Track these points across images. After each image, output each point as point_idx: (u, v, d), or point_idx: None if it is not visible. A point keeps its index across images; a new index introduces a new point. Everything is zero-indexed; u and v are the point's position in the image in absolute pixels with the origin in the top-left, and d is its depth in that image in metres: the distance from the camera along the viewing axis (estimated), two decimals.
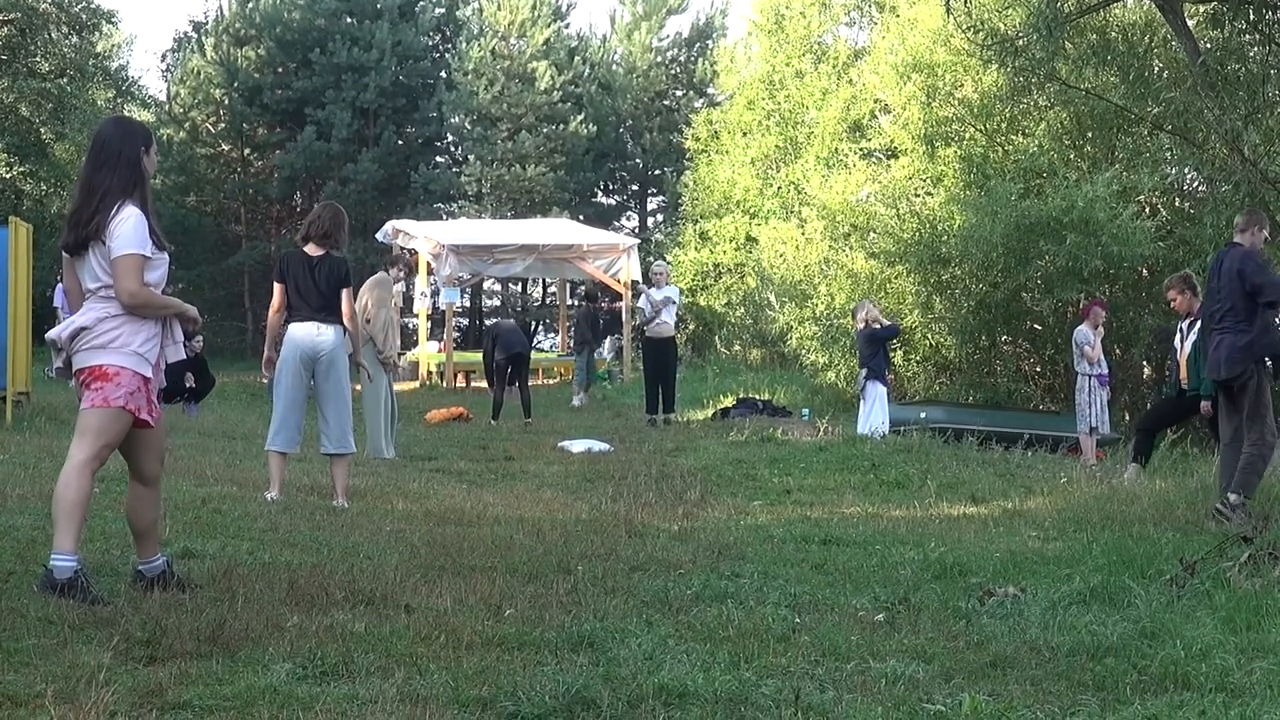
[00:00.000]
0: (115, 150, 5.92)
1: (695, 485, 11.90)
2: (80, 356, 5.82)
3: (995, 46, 20.75)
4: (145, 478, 6.10)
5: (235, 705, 4.34)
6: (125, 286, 5.75)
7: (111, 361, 5.77)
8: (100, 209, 5.80)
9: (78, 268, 5.91)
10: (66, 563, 5.69)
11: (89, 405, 5.77)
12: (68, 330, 5.83)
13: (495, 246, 28.65)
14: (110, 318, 5.80)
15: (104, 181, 5.85)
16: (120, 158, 5.91)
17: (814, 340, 24.88)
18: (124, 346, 5.79)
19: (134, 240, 5.77)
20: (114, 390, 5.75)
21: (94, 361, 5.78)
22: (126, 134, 6.05)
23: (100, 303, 5.83)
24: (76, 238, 5.83)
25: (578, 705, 4.46)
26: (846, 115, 31.47)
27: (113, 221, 5.77)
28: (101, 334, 5.78)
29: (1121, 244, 20.50)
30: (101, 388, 5.75)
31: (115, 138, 5.99)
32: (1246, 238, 10.01)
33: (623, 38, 47.19)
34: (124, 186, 5.88)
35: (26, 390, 15.85)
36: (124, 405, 5.77)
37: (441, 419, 19.28)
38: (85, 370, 5.80)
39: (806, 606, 6.38)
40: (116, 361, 5.77)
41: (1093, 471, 13.44)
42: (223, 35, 44.26)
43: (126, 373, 5.78)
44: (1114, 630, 5.72)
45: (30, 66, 37.77)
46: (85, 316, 5.83)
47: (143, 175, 5.99)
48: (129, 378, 5.79)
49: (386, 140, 43.26)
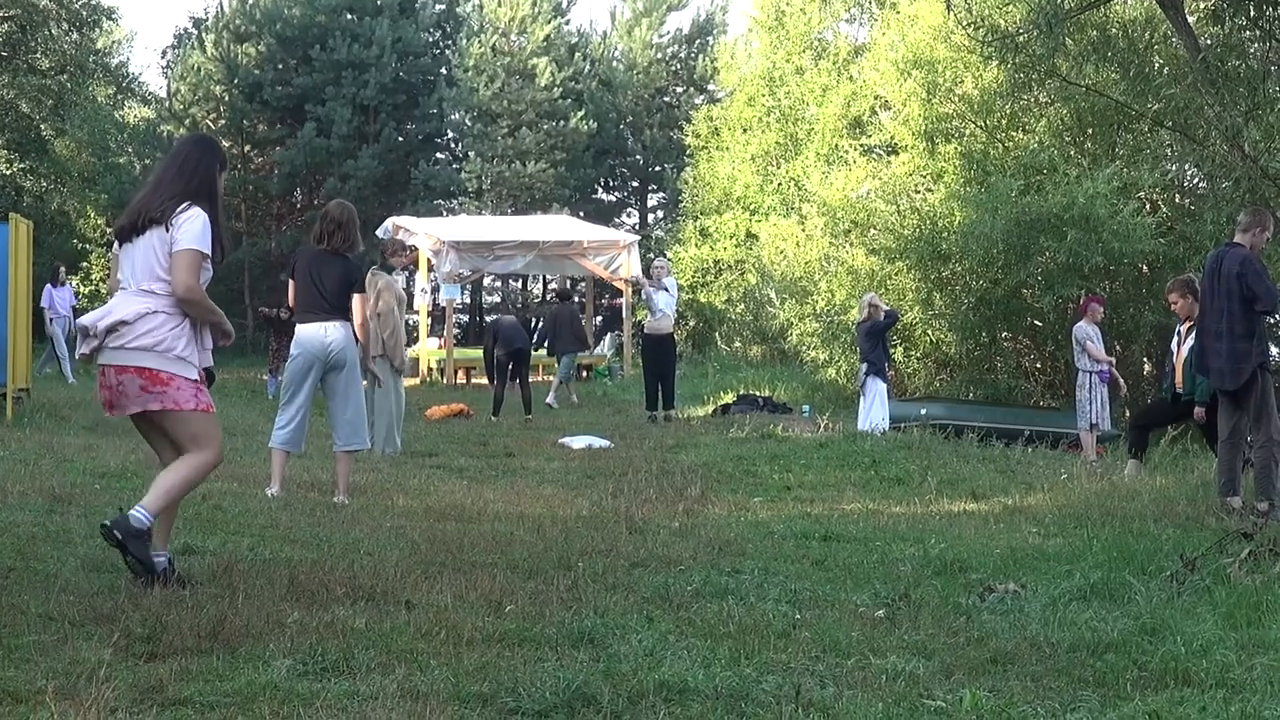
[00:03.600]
0: (194, 163, 6.15)
1: (696, 482, 11.90)
2: (121, 354, 5.91)
3: (995, 43, 20.73)
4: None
5: (236, 701, 4.34)
6: (184, 280, 5.89)
7: (165, 368, 5.92)
8: (166, 203, 5.97)
9: (127, 257, 6.04)
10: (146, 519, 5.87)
11: (159, 407, 5.93)
12: (105, 322, 5.88)
13: (495, 243, 28.65)
14: (150, 314, 5.91)
15: (176, 182, 6.05)
16: (196, 170, 6.12)
17: (814, 337, 24.89)
18: (170, 351, 5.92)
19: (200, 238, 5.94)
20: (179, 395, 5.94)
21: (145, 364, 5.90)
22: (205, 151, 6.28)
23: (142, 297, 5.95)
24: (134, 224, 5.98)
25: (578, 701, 4.46)
26: (847, 112, 31.46)
27: (180, 215, 5.94)
28: (144, 333, 5.89)
29: (1122, 240, 20.49)
30: (164, 391, 5.92)
31: (195, 152, 6.24)
32: (1248, 238, 9.90)
33: (623, 34, 47.19)
34: (195, 192, 6.06)
35: (27, 386, 15.86)
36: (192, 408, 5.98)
37: (442, 415, 19.28)
38: (132, 369, 5.90)
39: (807, 602, 6.38)
40: (169, 369, 5.93)
41: (1093, 468, 13.45)
42: (223, 31, 44.26)
43: (179, 378, 5.95)
44: (1114, 626, 5.73)
45: (30, 63, 37.79)
46: (125, 309, 5.92)
47: (215, 191, 6.18)
48: (184, 383, 5.97)
49: (387, 137, 43.26)
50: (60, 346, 23.85)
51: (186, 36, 48.83)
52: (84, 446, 12.10)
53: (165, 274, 5.93)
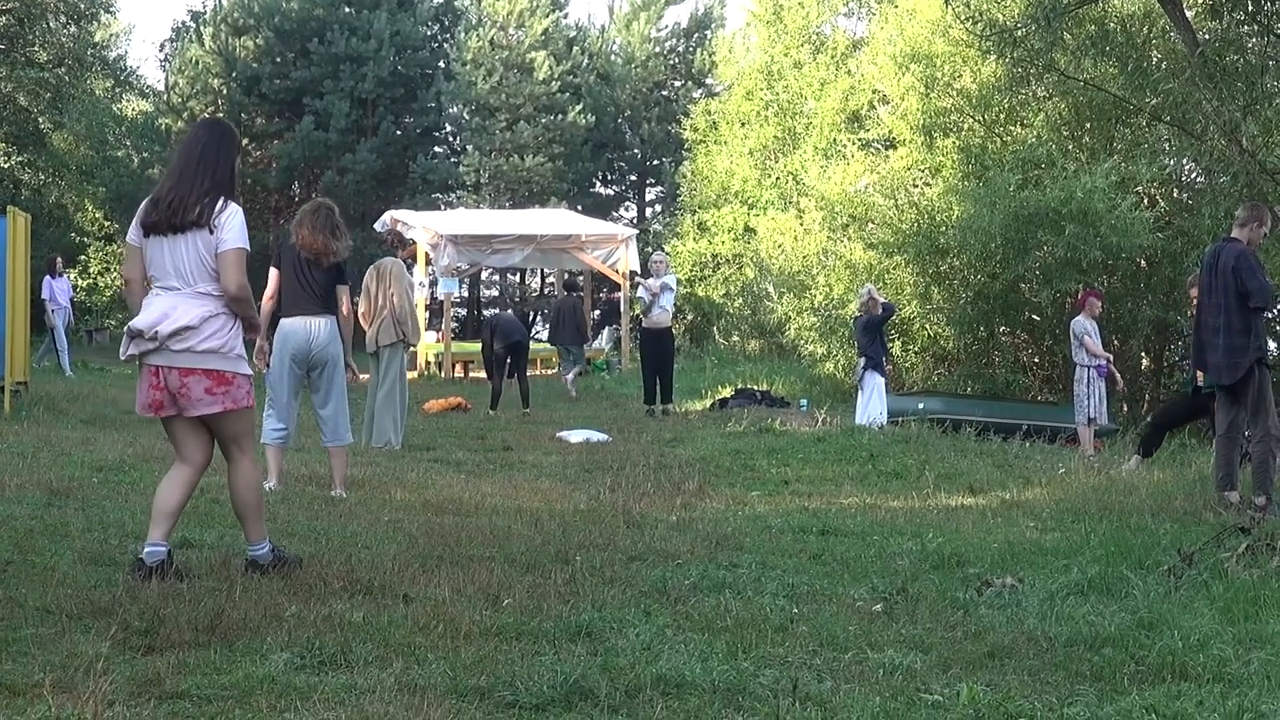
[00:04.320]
0: (214, 149, 6.21)
1: (693, 476, 11.91)
2: (189, 357, 6.03)
3: (994, 37, 20.72)
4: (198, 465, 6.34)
5: (233, 695, 4.35)
6: (236, 278, 6.04)
7: (229, 368, 6.12)
8: (202, 200, 6.05)
9: (158, 251, 6.08)
10: (264, 549, 6.32)
11: (222, 409, 6.11)
12: (168, 326, 5.98)
13: (493, 237, 28.61)
14: (213, 317, 6.06)
15: (202, 174, 6.12)
16: (219, 158, 6.19)
17: (812, 331, 24.87)
18: (231, 350, 6.12)
19: (242, 236, 6.09)
20: (238, 393, 6.15)
21: (213, 366, 6.07)
22: (224, 136, 6.34)
23: (199, 300, 6.06)
24: (171, 220, 6.03)
25: (576, 695, 4.47)
26: (845, 106, 31.40)
27: (221, 215, 6.04)
28: (209, 335, 6.05)
29: (1120, 235, 20.47)
30: (227, 391, 6.11)
31: (213, 138, 6.29)
32: (1245, 233, 9.91)
33: (621, 28, 47.10)
34: (222, 183, 6.16)
35: (25, 380, 15.86)
36: (249, 404, 6.24)
37: (440, 409, 19.28)
38: (200, 371, 6.06)
39: (804, 597, 6.39)
40: (232, 368, 6.13)
41: (1091, 462, 13.46)
42: (221, 25, 44.16)
43: (240, 377, 6.17)
44: (1112, 621, 5.73)
45: (28, 56, 37.78)
46: (187, 314, 6.02)
47: (236, 178, 6.31)
48: (243, 380, 6.19)
49: (385, 130, 43.19)
50: (60, 339, 23.82)
51: (184, 30, 48.73)
52: (82, 440, 12.10)
53: (216, 276, 6.07)
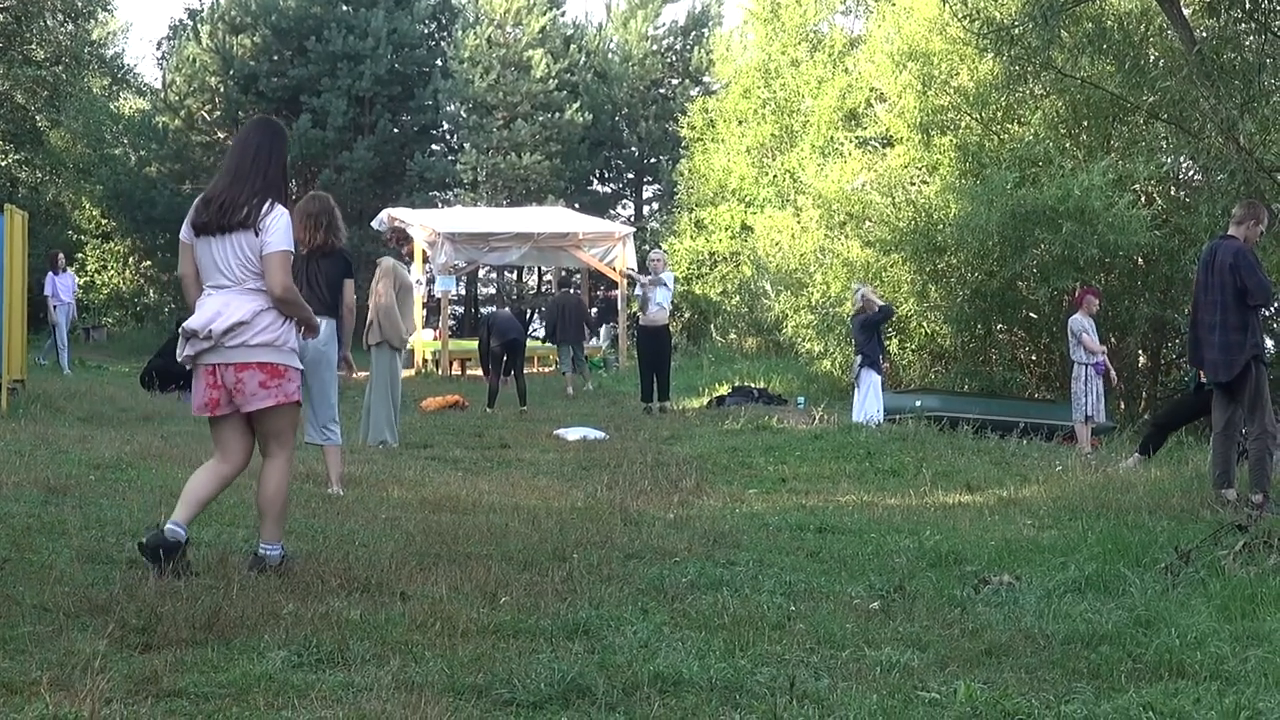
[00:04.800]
0: (266, 149, 6.28)
1: (690, 473, 11.90)
2: (243, 351, 6.10)
3: (991, 35, 20.73)
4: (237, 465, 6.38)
5: (230, 693, 4.34)
6: (280, 280, 6.10)
7: (282, 361, 6.18)
8: (251, 201, 6.11)
9: (207, 250, 6.15)
10: (275, 550, 6.28)
11: (274, 402, 6.16)
12: (222, 324, 6.04)
13: (491, 235, 28.60)
14: (264, 311, 6.13)
15: (254, 175, 6.18)
16: (270, 158, 6.26)
17: (809, 329, 24.87)
18: (285, 344, 6.19)
19: (287, 238, 6.15)
20: (290, 386, 6.22)
21: (266, 359, 6.13)
22: (274, 135, 6.41)
23: (249, 295, 6.13)
24: (220, 221, 6.10)
25: (573, 693, 4.47)
26: (842, 104, 31.43)
27: (267, 217, 6.10)
28: (262, 330, 6.11)
29: (1117, 233, 20.48)
30: (280, 385, 6.17)
31: (265, 138, 6.35)
32: (1242, 230, 9.92)
33: (618, 26, 47.11)
34: (272, 183, 6.22)
35: (22, 378, 15.85)
36: (298, 399, 6.31)
37: (437, 406, 19.28)
38: (254, 365, 6.12)
39: (801, 594, 6.39)
40: (285, 361, 6.20)
41: (1088, 460, 13.46)
42: (218, 23, 44.13)
43: (292, 369, 6.25)
44: (1109, 618, 5.74)
45: (25, 54, 37.71)
46: (239, 310, 6.08)
47: (287, 177, 6.41)
48: (294, 374, 6.26)
49: (382, 128, 43.18)
50: (61, 335, 23.78)
51: (181, 28, 48.70)
52: (79, 438, 12.09)
53: (261, 274, 6.12)
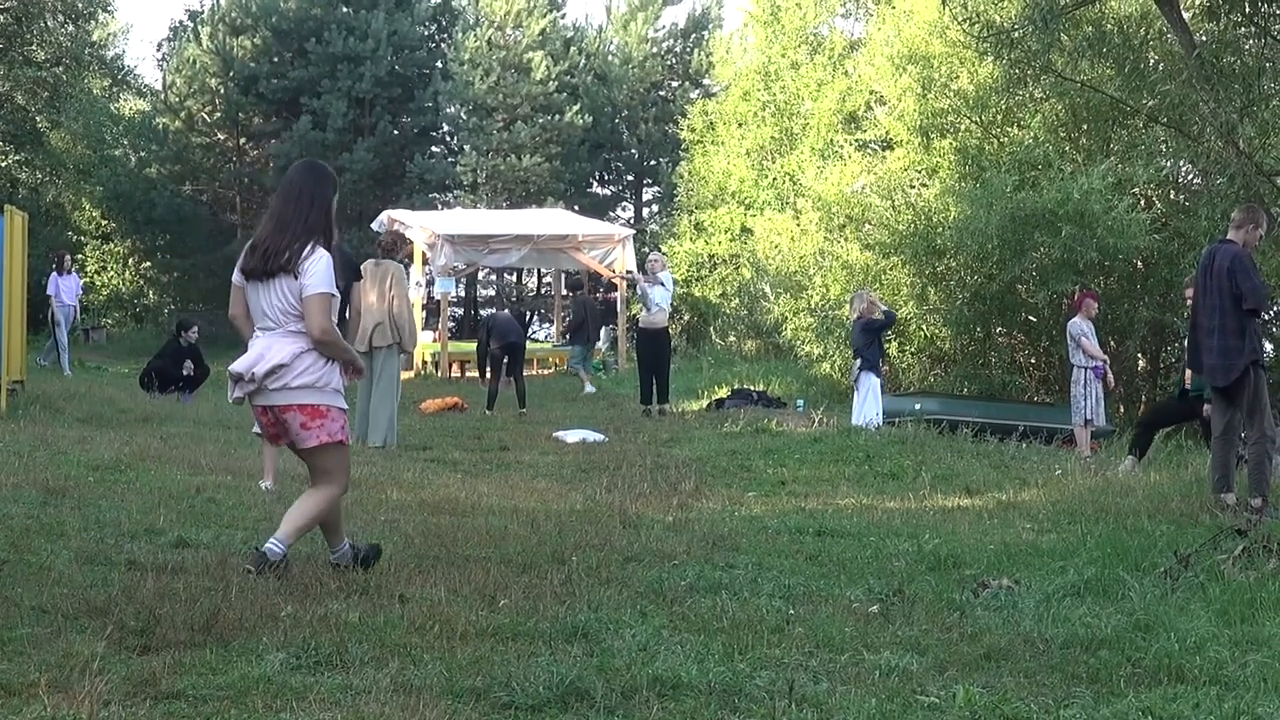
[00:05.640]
0: (309, 194, 6.44)
1: (690, 476, 11.90)
2: (285, 394, 6.28)
3: (991, 38, 20.73)
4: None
5: (229, 695, 4.34)
6: (319, 323, 6.24)
7: (324, 402, 6.32)
8: (293, 245, 6.28)
9: (255, 294, 6.38)
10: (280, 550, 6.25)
11: (317, 443, 6.32)
12: (264, 367, 6.21)
13: (490, 236, 28.57)
14: (305, 353, 6.28)
15: (297, 220, 6.35)
16: (314, 201, 6.42)
17: (809, 331, 24.85)
18: (327, 385, 6.33)
19: (326, 280, 6.27)
20: (333, 426, 6.35)
21: (307, 400, 6.29)
22: (320, 179, 6.56)
23: (291, 338, 6.30)
24: (264, 266, 6.30)
25: (572, 696, 4.47)
26: (842, 106, 31.43)
27: (307, 260, 6.26)
28: (303, 371, 6.27)
29: (1116, 236, 20.48)
30: (323, 425, 6.32)
31: (309, 182, 6.51)
32: (1241, 235, 9.91)
33: (618, 28, 47.11)
34: (315, 228, 6.37)
35: (21, 379, 15.84)
36: (343, 439, 6.40)
37: (436, 409, 19.27)
38: (295, 407, 6.28)
39: (800, 598, 6.39)
40: (327, 401, 6.33)
41: (1087, 464, 13.46)
42: (218, 24, 44.12)
43: (335, 409, 6.37)
44: (1108, 623, 5.74)
45: (26, 55, 37.70)
46: (280, 353, 6.25)
47: (332, 219, 6.50)
48: (338, 413, 6.38)
49: (382, 130, 43.17)
50: (61, 336, 23.76)
51: (182, 29, 48.70)
52: (79, 439, 12.09)
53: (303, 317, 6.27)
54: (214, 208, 45.89)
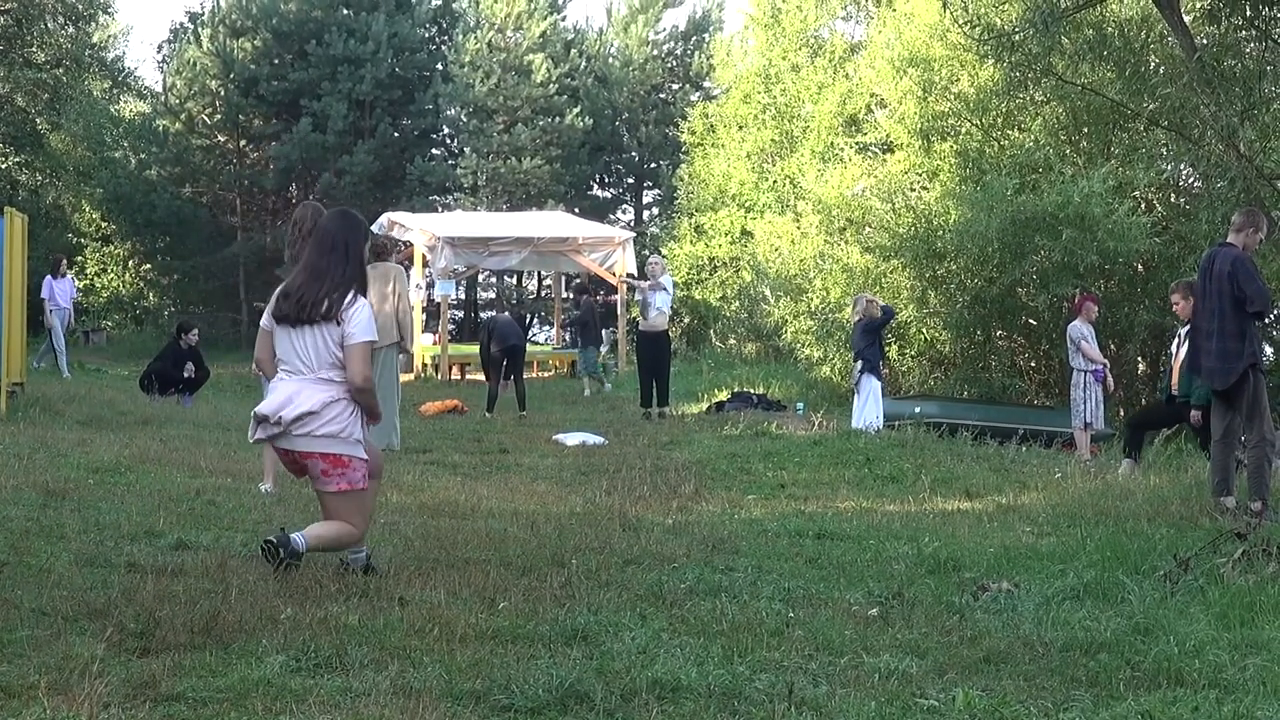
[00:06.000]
0: (343, 243, 6.59)
1: (689, 479, 11.90)
2: (309, 441, 6.43)
3: (991, 41, 20.74)
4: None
5: (229, 697, 4.34)
6: (363, 370, 6.48)
7: (347, 452, 6.47)
8: (332, 295, 6.44)
9: (285, 339, 6.52)
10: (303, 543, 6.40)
11: (337, 489, 6.47)
12: (292, 412, 6.36)
13: (491, 239, 28.59)
14: (334, 402, 6.44)
15: (334, 270, 6.51)
16: (348, 251, 6.58)
17: (809, 334, 24.85)
18: (351, 435, 6.49)
19: (369, 329, 6.51)
20: (354, 475, 6.49)
21: (330, 450, 6.45)
22: (353, 229, 6.71)
23: (321, 385, 6.46)
24: (299, 314, 6.45)
25: (571, 698, 4.47)
26: (842, 109, 31.39)
27: (350, 309, 6.45)
28: (330, 420, 6.43)
29: (1117, 239, 20.48)
30: (344, 474, 6.47)
31: (343, 232, 6.65)
32: (1241, 238, 9.90)
33: (619, 31, 47.12)
34: (353, 277, 6.55)
35: (21, 381, 15.84)
36: (363, 486, 6.54)
37: (436, 411, 19.27)
38: (318, 455, 6.44)
39: (800, 601, 6.39)
40: (350, 452, 6.48)
41: (1087, 467, 13.46)
42: (219, 26, 44.14)
43: (356, 459, 6.51)
44: (1108, 626, 5.73)
45: (26, 57, 37.75)
46: (310, 399, 6.41)
47: (364, 268, 6.70)
48: (359, 463, 6.52)
49: (382, 132, 43.19)
50: (58, 340, 23.76)
51: (182, 31, 48.73)
52: (78, 441, 12.09)
53: (340, 364, 6.45)
54: (214, 210, 45.89)
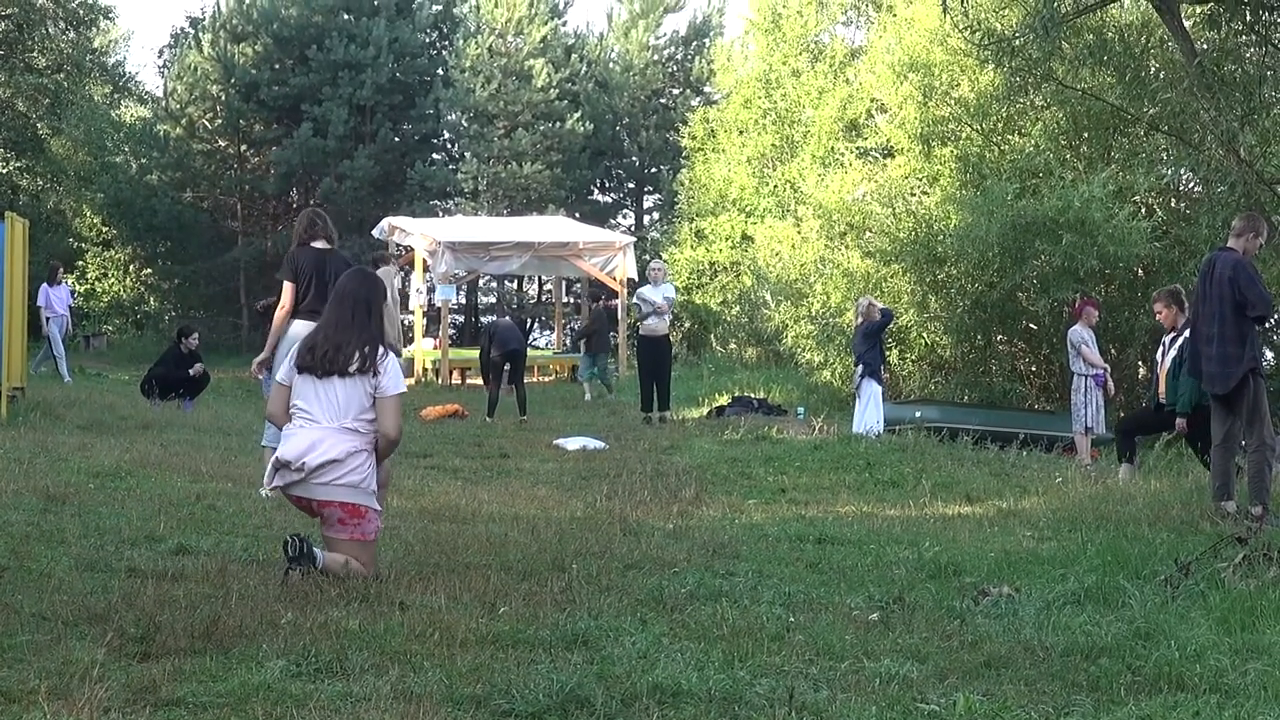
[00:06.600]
0: (365, 301, 6.88)
1: (690, 483, 11.88)
2: (328, 489, 6.55)
3: (992, 46, 20.75)
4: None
5: (229, 702, 4.34)
6: (396, 422, 6.74)
7: (364, 503, 6.61)
8: (362, 349, 6.68)
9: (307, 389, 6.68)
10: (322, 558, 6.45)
11: (349, 538, 6.57)
12: (315, 459, 6.49)
13: (491, 244, 28.60)
14: (357, 452, 6.60)
15: (357, 325, 6.78)
16: (369, 309, 6.86)
17: (809, 339, 24.86)
18: (369, 486, 6.65)
19: (401, 382, 6.81)
20: (368, 526, 6.61)
21: (350, 499, 6.58)
22: (372, 288, 7.02)
23: (345, 435, 6.60)
24: (323, 366, 6.67)
25: (572, 703, 4.47)
26: (843, 114, 31.41)
27: (383, 363, 6.70)
28: (352, 470, 6.56)
29: (1117, 244, 20.48)
30: (359, 524, 6.58)
31: (363, 291, 6.94)
32: (1241, 243, 9.90)
33: (620, 35, 47.14)
34: (379, 334, 6.84)
35: (21, 385, 15.83)
36: (374, 539, 6.67)
37: (437, 416, 19.25)
38: (335, 503, 6.56)
39: (801, 605, 6.38)
40: (367, 503, 6.62)
41: (1087, 471, 13.45)
42: (220, 31, 44.17)
43: (371, 511, 6.65)
44: (1108, 631, 5.73)
45: (27, 62, 37.80)
46: (335, 448, 6.55)
47: (382, 325, 6.97)
48: (374, 515, 6.67)
49: (383, 137, 43.22)
50: (57, 346, 23.78)
51: (183, 36, 48.79)
52: (79, 445, 12.08)
53: (369, 414, 6.65)
54: (215, 215, 45.92)
